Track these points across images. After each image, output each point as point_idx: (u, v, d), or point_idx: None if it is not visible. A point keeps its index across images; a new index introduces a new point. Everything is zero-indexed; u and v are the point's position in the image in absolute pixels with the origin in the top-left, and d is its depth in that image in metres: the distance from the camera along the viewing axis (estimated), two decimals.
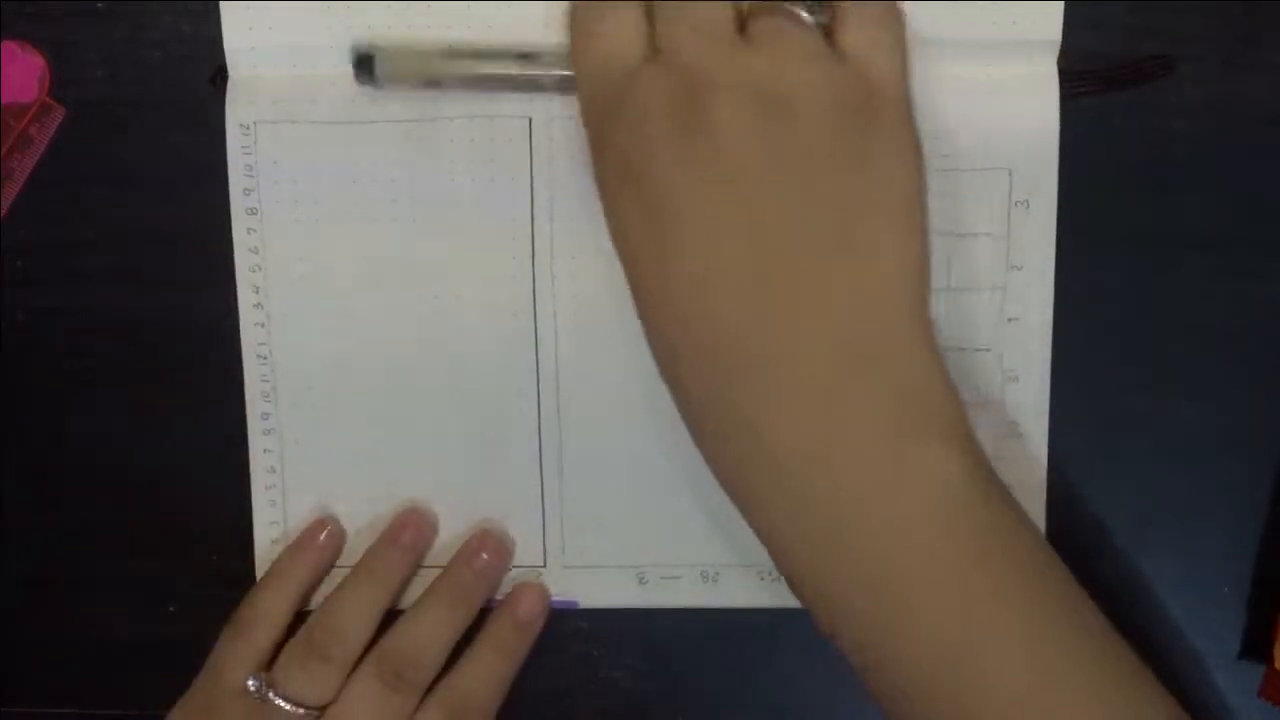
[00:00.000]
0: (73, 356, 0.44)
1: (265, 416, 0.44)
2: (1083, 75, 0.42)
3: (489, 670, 0.42)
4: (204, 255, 0.43)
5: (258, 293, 0.43)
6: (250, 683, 0.41)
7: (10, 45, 0.43)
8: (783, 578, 0.37)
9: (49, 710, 0.46)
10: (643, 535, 0.44)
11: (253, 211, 0.43)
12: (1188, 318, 0.43)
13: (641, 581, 0.44)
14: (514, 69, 0.40)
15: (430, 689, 0.42)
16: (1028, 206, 0.42)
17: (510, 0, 0.41)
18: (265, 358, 0.43)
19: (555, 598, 0.44)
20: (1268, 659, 0.43)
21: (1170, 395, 0.43)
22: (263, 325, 0.43)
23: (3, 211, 0.43)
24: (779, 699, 0.45)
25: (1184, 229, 0.43)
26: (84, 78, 0.43)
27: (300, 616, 0.43)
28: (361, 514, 0.44)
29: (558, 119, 0.42)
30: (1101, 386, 0.43)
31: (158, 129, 0.43)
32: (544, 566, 0.44)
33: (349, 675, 0.41)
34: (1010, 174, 0.42)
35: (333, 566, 0.44)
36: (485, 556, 0.43)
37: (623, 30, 0.36)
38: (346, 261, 0.43)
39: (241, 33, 0.42)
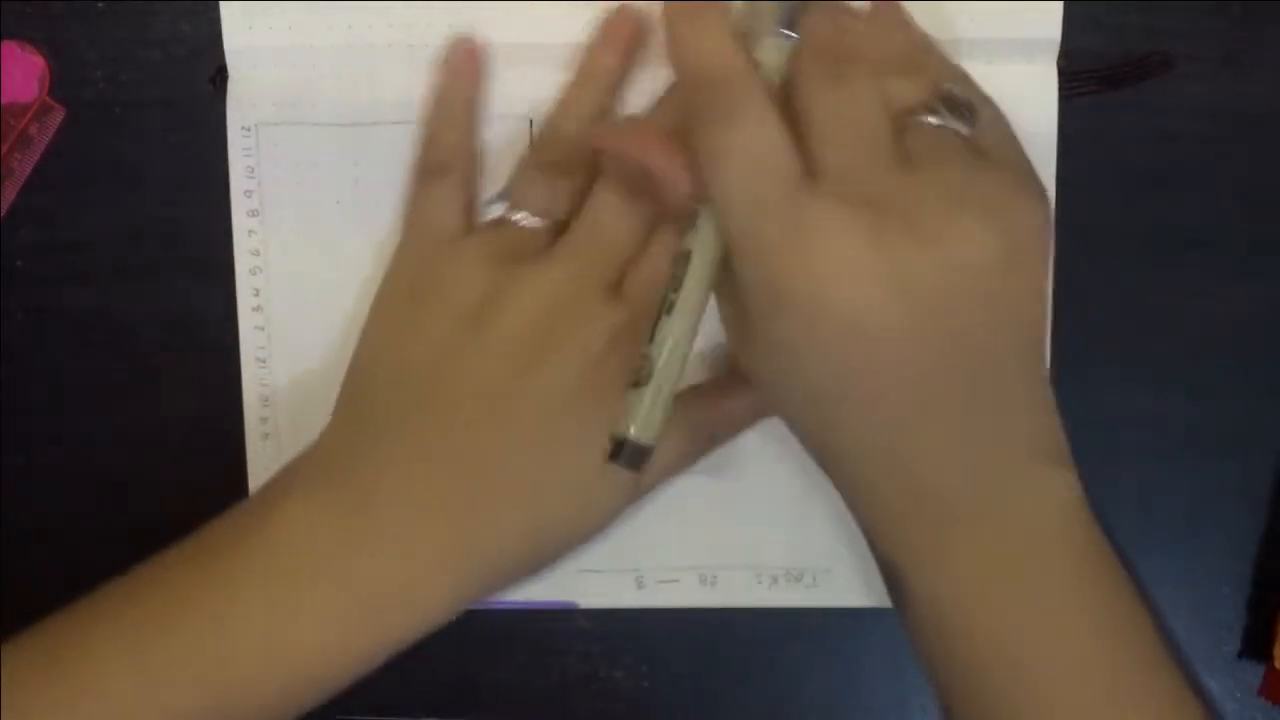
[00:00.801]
0: (73, 356, 0.44)
1: (264, 420, 0.44)
2: (1082, 75, 0.42)
3: None
4: (204, 255, 0.43)
5: (258, 295, 0.43)
6: (494, 207, 0.39)
7: (10, 45, 0.43)
8: (881, 575, 0.37)
9: None
10: (640, 539, 0.44)
11: (254, 213, 0.43)
12: (1188, 318, 0.43)
13: (640, 585, 0.44)
14: None
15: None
16: None
17: (511, 1, 0.41)
18: (264, 361, 0.43)
19: (555, 599, 0.44)
20: (1268, 659, 0.43)
21: (1170, 395, 0.43)
22: (262, 329, 0.43)
23: (2, 211, 0.43)
24: (778, 699, 0.45)
25: (1184, 229, 0.43)
26: (84, 78, 0.43)
27: None
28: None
29: None
30: (1101, 386, 0.43)
31: (158, 129, 0.43)
32: None
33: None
34: None
35: (486, 87, 0.41)
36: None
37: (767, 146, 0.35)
38: (347, 264, 0.43)
39: (241, 33, 0.42)
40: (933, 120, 0.35)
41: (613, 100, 0.41)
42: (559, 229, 0.39)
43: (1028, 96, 0.42)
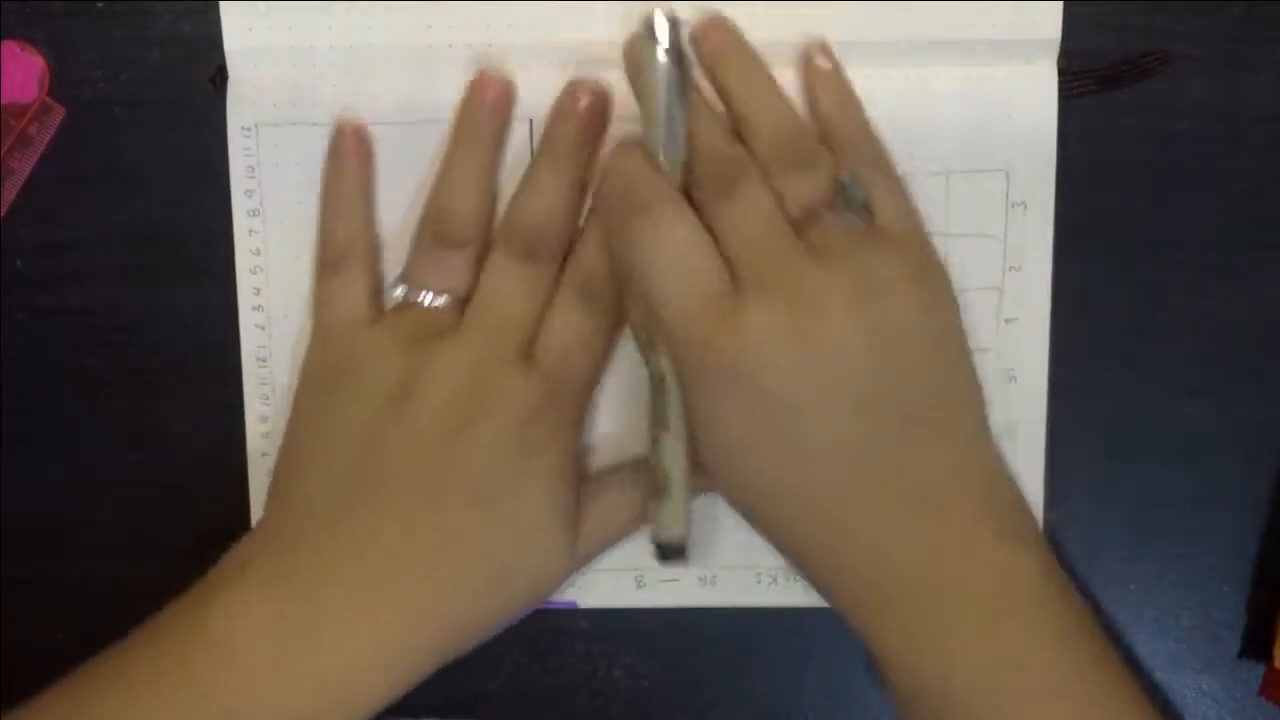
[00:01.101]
0: (73, 356, 0.44)
1: (264, 419, 0.44)
2: (1082, 75, 0.42)
3: (602, 246, 0.40)
4: (204, 255, 0.43)
5: (258, 294, 0.43)
6: (396, 291, 0.40)
7: (10, 45, 0.43)
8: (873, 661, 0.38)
9: None
10: (640, 539, 0.44)
11: (254, 213, 0.43)
12: (1187, 318, 0.43)
13: (640, 585, 0.44)
14: None
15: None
16: (1025, 208, 0.42)
17: (511, 1, 0.41)
18: (265, 360, 0.43)
19: (555, 599, 0.44)
20: (1268, 659, 0.43)
21: (1170, 395, 0.43)
22: (263, 328, 0.43)
23: (2, 211, 0.43)
24: (778, 699, 0.45)
25: (1184, 229, 0.43)
26: (84, 78, 0.43)
27: None
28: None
29: None
30: (1101, 386, 0.43)
31: (158, 129, 0.43)
32: None
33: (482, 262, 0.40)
34: (1007, 175, 0.42)
35: (374, 166, 0.42)
36: (585, 101, 0.40)
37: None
38: None
39: (241, 33, 0.42)
40: (830, 217, 0.37)
41: (495, 169, 0.41)
42: (463, 303, 0.40)
43: (1028, 96, 0.42)
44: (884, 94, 0.42)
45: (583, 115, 0.40)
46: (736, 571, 0.44)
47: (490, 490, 0.38)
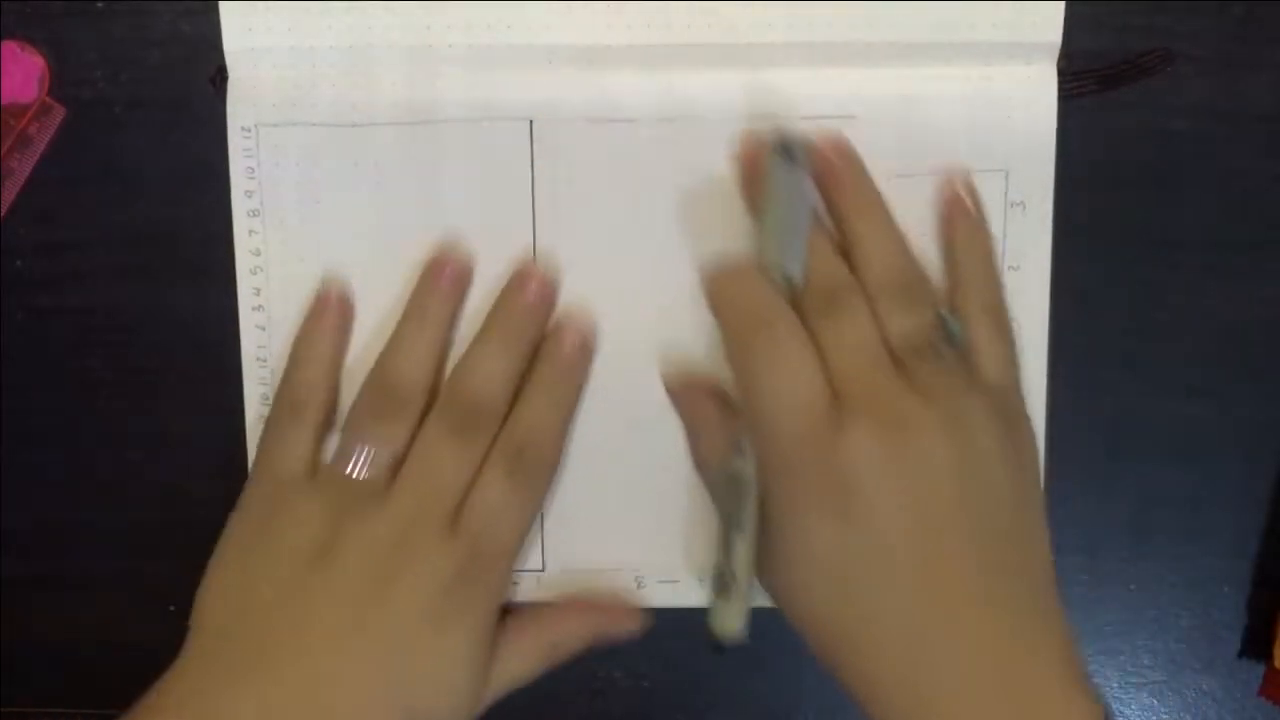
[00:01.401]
0: (73, 356, 0.44)
1: (264, 420, 0.44)
2: (1082, 75, 0.42)
3: (543, 415, 0.42)
4: (204, 255, 0.43)
5: (258, 294, 0.43)
6: (323, 455, 0.41)
7: (10, 45, 0.43)
8: None
9: (49, 710, 0.46)
10: (640, 540, 0.44)
11: (254, 214, 0.43)
12: (1187, 318, 0.43)
13: (640, 586, 0.44)
14: None
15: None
16: (1024, 208, 0.42)
17: (510, 2, 0.41)
18: (265, 360, 0.43)
19: (554, 599, 0.44)
20: (1268, 659, 0.43)
21: (1170, 395, 0.43)
22: (263, 328, 0.43)
23: (2, 211, 0.43)
24: (778, 699, 0.45)
25: (1184, 229, 0.43)
26: (84, 78, 0.43)
27: None
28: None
29: (558, 121, 0.42)
30: (1101, 386, 0.43)
31: (158, 129, 0.43)
32: (542, 570, 0.44)
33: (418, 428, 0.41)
34: (1006, 175, 0.42)
35: (351, 328, 0.43)
36: (532, 288, 0.42)
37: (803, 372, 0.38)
38: (347, 263, 0.43)
39: (241, 33, 0.42)
40: (930, 354, 0.38)
41: (444, 343, 0.42)
42: (399, 462, 0.41)
43: (1026, 98, 0.42)
44: (884, 94, 0.42)
45: (530, 301, 0.42)
46: None
47: (406, 648, 0.39)
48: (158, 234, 0.43)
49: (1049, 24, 0.41)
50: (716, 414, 0.41)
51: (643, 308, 0.43)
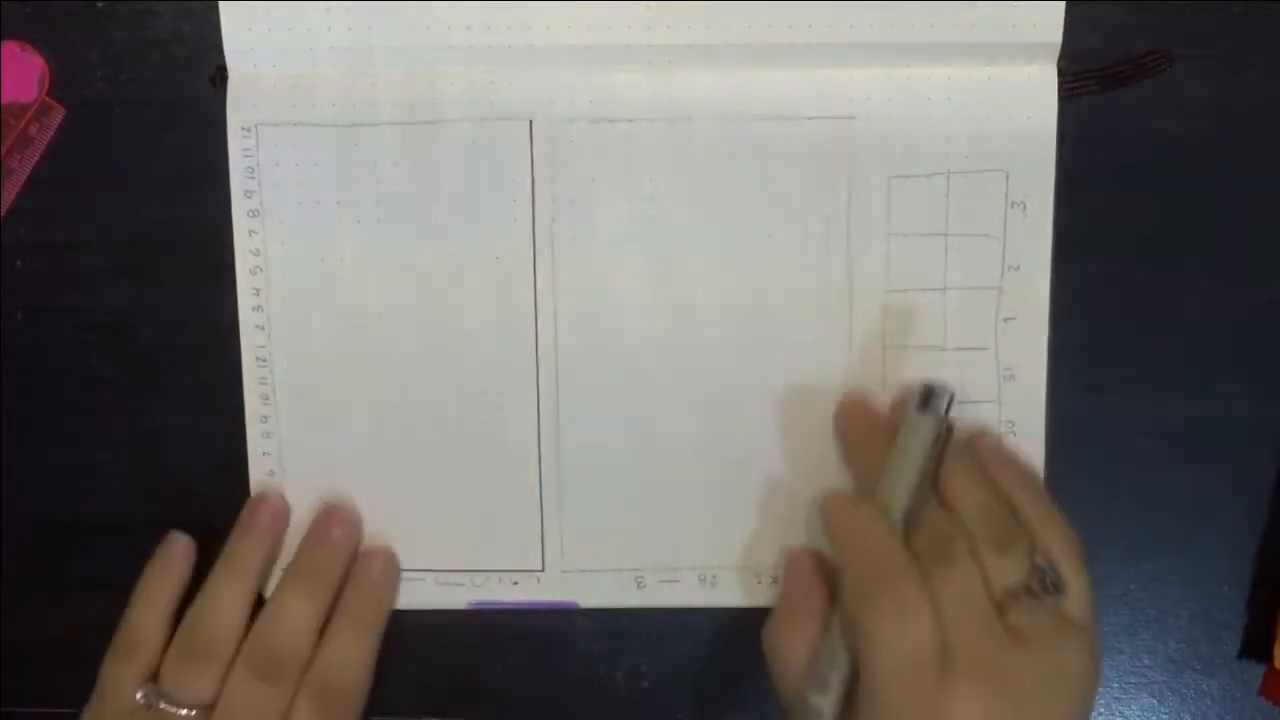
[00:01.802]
0: (73, 356, 0.44)
1: (264, 419, 0.44)
2: (1083, 75, 0.42)
3: (349, 648, 0.43)
4: (204, 255, 0.43)
5: (258, 294, 0.43)
6: (139, 695, 0.42)
7: (10, 45, 0.43)
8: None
9: (49, 710, 0.46)
10: (641, 539, 0.44)
11: (254, 214, 0.43)
12: (1187, 318, 0.43)
13: (640, 585, 0.44)
14: None
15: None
16: (1024, 208, 0.42)
17: (510, 1, 0.41)
18: (264, 360, 0.43)
19: (555, 599, 0.44)
20: (1268, 659, 0.43)
21: (1170, 395, 0.43)
22: (262, 328, 0.43)
23: (2, 211, 0.43)
24: (778, 699, 0.45)
25: (1183, 229, 0.43)
26: (84, 78, 0.43)
27: None
28: (359, 517, 0.44)
29: (558, 120, 0.42)
30: (1101, 386, 0.43)
31: (158, 129, 0.43)
32: (542, 570, 0.44)
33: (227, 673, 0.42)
34: (1007, 176, 0.42)
35: (191, 572, 0.44)
36: (336, 531, 0.43)
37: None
38: (347, 263, 0.43)
39: (241, 33, 0.42)
40: (1028, 601, 0.39)
41: (254, 584, 0.43)
42: (210, 709, 0.41)
43: (1026, 98, 0.42)
44: (884, 94, 0.42)
45: (334, 543, 0.43)
46: (736, 573, 0.44)
47: None
48: (157, 234, 0.43)
49: (1049, 24, 0.41)
50: (809, 642, 0.41)
51: (642, 307, 0.43)
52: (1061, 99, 0.42)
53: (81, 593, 0.45)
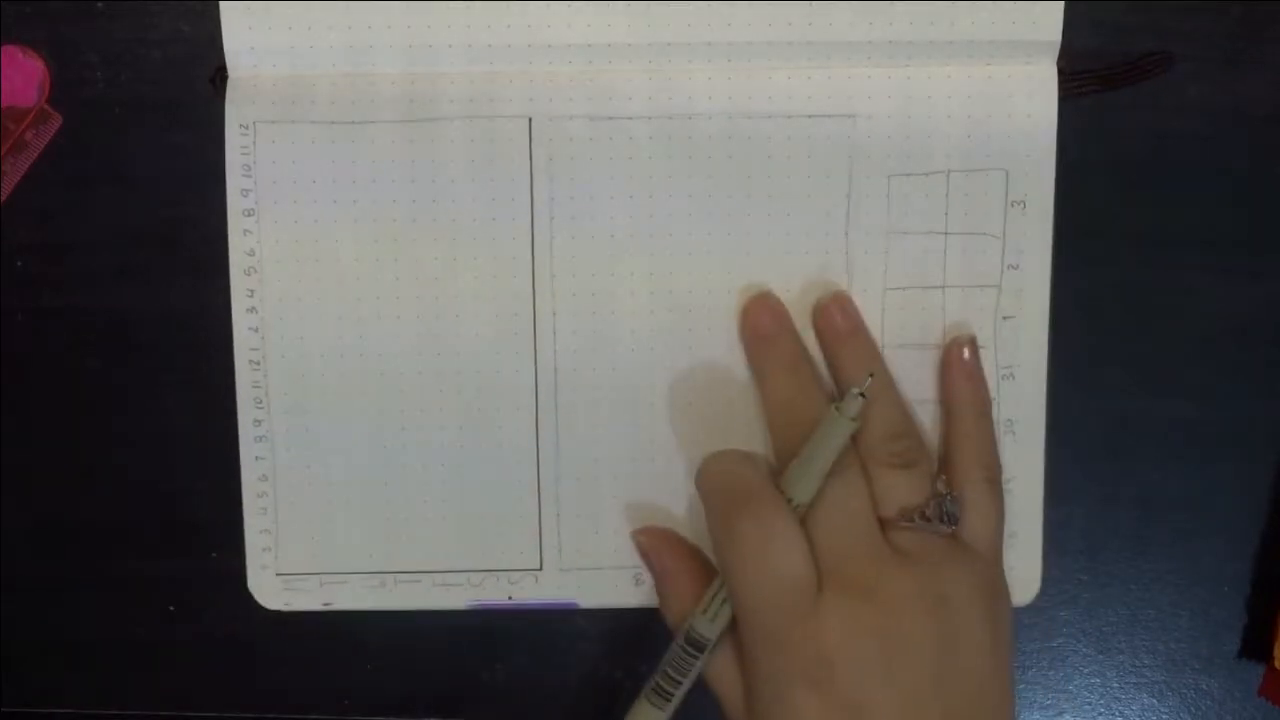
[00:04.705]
0: (73, 356, 0.44)
1: (257, 423, 0.44)
2: (1082, 75, 0.42)
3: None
4: (204, 256, 0.43)
5: (252, 296, 0.43)
6: None
7: (11, 49, 0.43)
8: None
9: (49, 710, 0.46)
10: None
11: (249, 213, 0.43)
12: (1187, 318, 0.43)
13: (638, 583, 0.44)
14: None
15: None
16: (1024, 207, 0.42)
17: (510, 1, 0.41)
18: (258, 364, 0.43)
19: (555, 599, 0.44)
20: (1268, 659, 0.43)
21: (1170, 395, 0.43)
22: (256, 330, 0.43)
23: None
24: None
25: (1183, 229, 0.43)
26: (84, 78, 0.43)
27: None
28: (355, 520, 0.44)
29: (558, 119, 0.42)
30: (1100, 386, 0.43)
31: (158, 129, 0.43)
32: (540, 569, 0.44)
33: None
34: (1007, 175, 0.42)
35: None
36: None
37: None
38: (344, 263, 0.43)
39: (241, 33, 0.42)
40: (919, 523, 0.39)
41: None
42: None
43: (1026, 97, 0.42)
44: (884, 94, 0.42)
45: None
46: None
47: None
48: (158, 234, 0.43)
49: (1049, 23, 0.41)
50: (685, 572, 0.41)
51: (641, 307, 0.43)
52: (1061, 99, 0.42)
53: (81, 593, 0.45)
